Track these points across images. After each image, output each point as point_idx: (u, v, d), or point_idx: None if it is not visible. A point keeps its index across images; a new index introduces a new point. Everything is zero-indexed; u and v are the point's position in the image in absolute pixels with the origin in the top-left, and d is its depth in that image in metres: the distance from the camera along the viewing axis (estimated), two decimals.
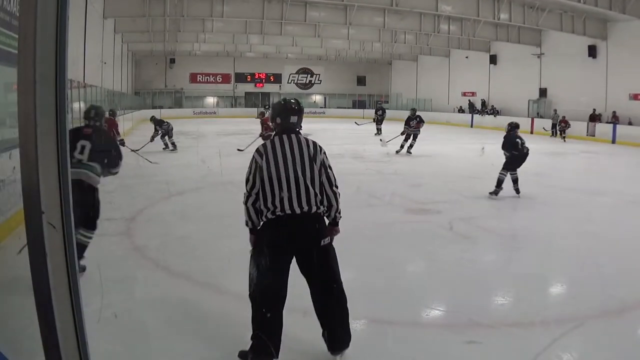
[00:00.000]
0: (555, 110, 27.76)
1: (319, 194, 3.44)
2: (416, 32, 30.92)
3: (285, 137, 3.49)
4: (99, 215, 5.26)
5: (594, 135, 26.33)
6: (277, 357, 3.28)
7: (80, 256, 4.79)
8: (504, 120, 30.89)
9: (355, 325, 3.80)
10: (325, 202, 3.50)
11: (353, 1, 24.69)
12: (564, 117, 26.23)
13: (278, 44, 39.62)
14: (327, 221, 3.55)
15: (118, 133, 13.04)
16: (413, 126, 16.92)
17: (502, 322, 4.25)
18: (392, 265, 5.83)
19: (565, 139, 24.96)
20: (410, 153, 16.56)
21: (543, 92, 32.20)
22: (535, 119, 29.79)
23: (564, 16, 26.91)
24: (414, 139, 16.93)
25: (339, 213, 3.57)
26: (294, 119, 3.57)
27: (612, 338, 4.06)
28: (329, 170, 3.54)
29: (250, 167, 3.46)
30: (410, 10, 25.43)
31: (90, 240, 5.07)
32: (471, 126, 34.04)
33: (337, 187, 3.56)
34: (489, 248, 6.75)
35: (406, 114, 18.78)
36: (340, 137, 23.77)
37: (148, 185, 10.45)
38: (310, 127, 16.23)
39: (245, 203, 3.48)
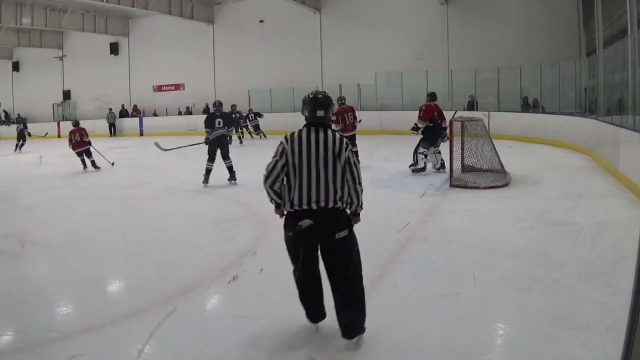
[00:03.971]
0: (110, 109, 26.84)
1: (339, 191, 3.36)
2: None
3: (313, 129, 3.40)
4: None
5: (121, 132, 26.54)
6: (322, 319, 3.64)
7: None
8: (30, 128, 29.51)
9: None
10: (345, 198, 3.42)
11: None
12: None
13: None
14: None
15: None
16: None
17: (85, 329, 3.95)
18: None
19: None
20: None
21: (67, 95, 31.20)
22: (61, 122, 28.19)
23: (86, 16, 26.46)
24: None
25: (361, 206, 3.55)
26: (320, 112, 3.44)
27: (192, 314, 4.21)
28: (354, 167, 3.41)
29: (277, 151, 3.39)
30: None
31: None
32: None
33: (360, 184, 3.48)
34: (39, 260, 6.07)
35: None
36: None
37: None
38: None
39: (264, 185, 3.43)
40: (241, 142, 19.10)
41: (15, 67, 32.79)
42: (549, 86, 17.00)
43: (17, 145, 20.23)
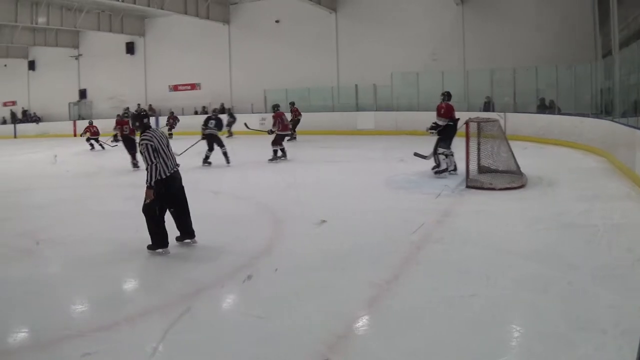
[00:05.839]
0: (128, 108, 26.66)
1: (175, 157, 5.88)
2: None
3: (152, 129, 5.73)
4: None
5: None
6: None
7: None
8: (46, 127, 30.37)
9: None
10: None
11: None
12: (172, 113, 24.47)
13: None
14: None
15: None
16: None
17: (99, 327, 4.01)
18: None
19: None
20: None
21: (83, 94, 31.51)
22: (77, 122, 28.49)
23: (101, 16, 26.70)
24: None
25: None
26: (147, 120, 5.82)
27: (206, 314, 4.26)
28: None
29: (147, 150, 5.44)
30: None
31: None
32: (15, 136, 30.54)
33: None
34: (54, 258, 6.09)
35: None
36: None
37: None
38: None
39: (155, 171, 5.45)
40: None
41: (31, 66, 33.21)
42: (565, 87, 16.89)
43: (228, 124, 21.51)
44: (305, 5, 22.37)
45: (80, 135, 21.48)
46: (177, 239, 5.93)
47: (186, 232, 5.94)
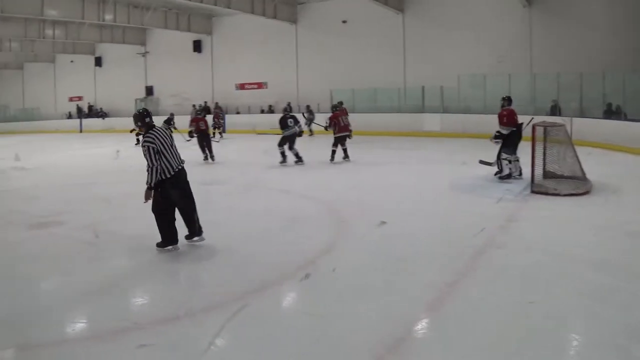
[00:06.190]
0: (194, 105, 27.44)
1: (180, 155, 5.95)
2: (21, 38, 29.23)
3: (155, 129, 5.75)
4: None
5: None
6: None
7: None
8: (112, 122, 30.74)
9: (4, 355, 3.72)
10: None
11: None
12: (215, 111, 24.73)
13: None
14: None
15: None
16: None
17: (158, 320, 4.17)
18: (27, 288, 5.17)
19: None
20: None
21: (150, 90, 32.25)
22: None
23: (168, 14, 27.26)
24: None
25: None
26: (148, 119, 5.78)
27: (265, 311, 4.30)
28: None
29: (149, 152, 5.55)
30: (14, 15, 23.53)
31: None
32: (80, 131, 31.67)
33: None
34: (117, 252, 6.26)
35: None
36: None
37: None
38: None
39: (155, 173, 5.58)
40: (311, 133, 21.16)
41: (98, 62, 34.26)
42: (632, 93, 16.35)
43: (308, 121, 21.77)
44: (373, 5, 22.32)
45: (130, 132, 22.16)
46: (186, 237, 5.95)
47: (193, 228, 5.92)
